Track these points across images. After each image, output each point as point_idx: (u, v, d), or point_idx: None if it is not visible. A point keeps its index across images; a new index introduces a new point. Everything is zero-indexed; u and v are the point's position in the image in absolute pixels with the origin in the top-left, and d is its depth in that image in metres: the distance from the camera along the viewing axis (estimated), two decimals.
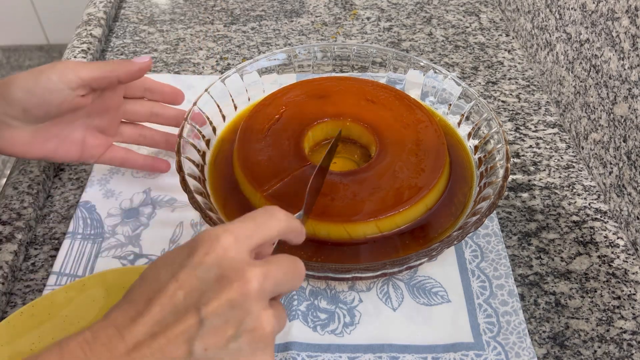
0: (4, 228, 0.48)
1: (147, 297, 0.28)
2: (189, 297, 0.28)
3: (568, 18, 0.60)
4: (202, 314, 0.27)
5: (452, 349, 0.42)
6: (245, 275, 0.28)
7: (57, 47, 1.97)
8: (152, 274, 0.29)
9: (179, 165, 0.45)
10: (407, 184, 0.46)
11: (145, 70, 0.47)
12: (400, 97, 0.54)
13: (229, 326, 0.28)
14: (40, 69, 0.43)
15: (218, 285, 0.28)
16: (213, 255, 0.29)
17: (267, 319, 0.29)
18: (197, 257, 0.29)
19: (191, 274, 0.28)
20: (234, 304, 0.28)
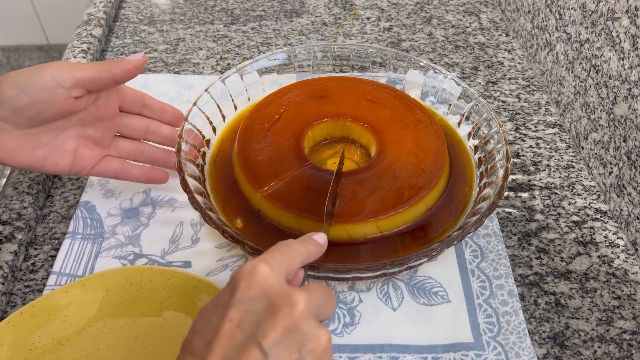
0: (4, 228, 0.48)
1: (206, 342, 0.29)
2: (246, 331, 0.28)
3: (568, 18, 0.60)
4: (263, 345, 0.28)
5: (452, 349, 0.42)
6: (292, 299, 0.29)
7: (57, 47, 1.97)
8: (203, 323, 0.30)
9: (179, 166, 0.45)
10: (407, 184, 0.46)
11: (140, 67, 0.46)
12: (400, 97, 0.54)
13: (292, 351, 0.28)
14: (35, 67, 0.42)
15: (269, 314, 0.29)
16: (255, 286, 0.30)
17: (324, 335, 0.29)
18: (240, 293, 0.30)
19: (241, 310, 0.29)
20: (290, 328, 0.29)
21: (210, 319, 0.30)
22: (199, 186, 0.46)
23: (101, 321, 0.42)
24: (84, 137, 0.47)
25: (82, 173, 0.47)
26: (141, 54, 0.45)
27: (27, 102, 0.41)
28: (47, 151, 0.45)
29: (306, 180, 0.46)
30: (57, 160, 0.45)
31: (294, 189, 0.46)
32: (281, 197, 0.45)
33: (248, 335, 0.28)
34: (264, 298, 0.29)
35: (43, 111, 0.42)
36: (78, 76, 0.42)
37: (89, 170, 0.47)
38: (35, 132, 0.44)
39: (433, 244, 0.41)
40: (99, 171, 0.48)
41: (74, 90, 0.42)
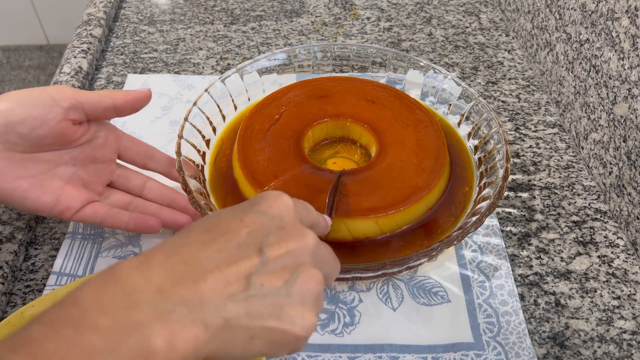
0: (4, 228, 0.48)
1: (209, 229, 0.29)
2: (253, 236, 0.28)
3: (568, 18, 0.60)
4: (264, 253, 0.28)
5: (452, 349, 0.42)
6: (304, 233, 0.30)
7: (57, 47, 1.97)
8: (212, 216, 0.30)
9: (179, 166, 0.45)
10: (408, 183, 0.46)
11: (144, 100, 0.44)
12: (400, 97, 0.54)
13: (285, 271, 0.28)
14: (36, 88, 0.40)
15: (279, 234, 0.29)
16: (276, 208, 0.30)
17: (318, 277, 0.29)
18: (261, 207, 0.30)
19: (255, 218, 0.29)
20: (292, 253, 0.29)
21: (221, 215, 0.30)
22: (199, 186, 0.46)
23: None
24: (74, 178, 0.44)
25: (66, 215, 0.43)
26: (147, 89, 0.44)
27: (21, 117, 0.39)
28: (31, 183, 0.42)
29: (305, 180, 0.46)
30: (41, 194, 0.42)
31: (293, 189, 0.46)
32: None
33: (254, 240, 0.28)
34: (279, 220, 0.30)
35: (37, 128, 0.40)
36: (78, 98, 0.41)
37: (73, 212, 0.44)
38: (24, 159, 0.41)
39: (433, 244, 0.41)
40: (85, 215, 0.44)
41: (71, 111, 0.41)
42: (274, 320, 0.27)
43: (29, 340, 0.23)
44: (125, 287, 0.25)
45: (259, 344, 0.27)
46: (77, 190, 0.44)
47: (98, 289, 0.25)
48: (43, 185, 0.42)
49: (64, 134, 0.41)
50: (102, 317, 0.24)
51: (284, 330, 0.28)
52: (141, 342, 0.24)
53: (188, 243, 0.28)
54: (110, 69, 0.68)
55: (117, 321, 0.24)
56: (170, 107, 0.62)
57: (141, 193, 0.47)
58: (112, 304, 0.24)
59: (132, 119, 0.60)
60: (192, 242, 0.28)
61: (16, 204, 0.42)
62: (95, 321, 0.24)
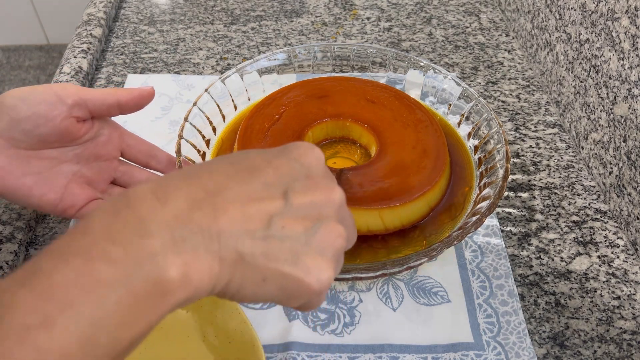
0: (4, 228, 0.48)
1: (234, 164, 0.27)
2: (281, 178, 0.27)
3: (568, 18, 0.60)
4: (288, 198, 0.27)
5: (452, 349, 0.42)
6: (333, 187, 0.29)
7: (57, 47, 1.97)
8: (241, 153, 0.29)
9: (179, 166, 0.45)
10: (409, 180, 0.46)
11: (147, 98, 0.44)
12: (400, 97, 0.54)
13: (307, 220, 0.27)
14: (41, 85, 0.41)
15: (308, 181, 0.28)
16: (307, 158, 0.29)
17: (341, 231, 0.28)
18: (292, 154, 0.29)
19: (284, 162, 0.28)
20: (317, 204, 0.28)
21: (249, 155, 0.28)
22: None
23: None
24: (77, 175, 0.44)
25: (70, 212, 0.44)
26: (150, 87, 0.44)
27: (26, 114, 0.39)
28: (36, 180, 0.42)
29: None
30: (45, 192, 0.42)
31: None
32: None
33: (281, 182, 0.27)
34: (309, 170, 0.29)
35: (41, 125, 0.40)
36: (82, 95, 0.41)
37: (77, 209, 0.44)
38: (29, 156, 0.41)
39: (433, 244, 0.41)
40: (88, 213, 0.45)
41: (75, 108, 0.41)
42: (289, 265, 0.26)
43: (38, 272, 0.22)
44: (139, 212, 0.23)
45: (271, 288, 0.26)
46: (81, 188, 0.44)
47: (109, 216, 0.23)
48: (47, 182, 0.43)
49: (68, 131, 0.41)
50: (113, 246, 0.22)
51: (297, 278, 0.26)
52: (154, 272, 0.22)
53: (211, 171, 0.26)
54: (110, 69, 0.68)
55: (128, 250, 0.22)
56: (170, 107, 0.62)
57: None
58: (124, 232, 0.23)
59: (132, 118, 0.60)
60: (215, 171, 0.26)
61: (21, 200, 0.42)
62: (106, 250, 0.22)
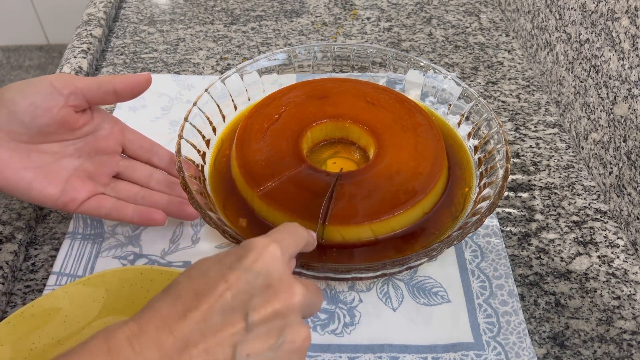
0: (4, 228, 0.48)
1: (195, 293, 0.28)
2: (237, 299, 0.28)
3: (568, 18, 0.60)
4: (249, 319, 0.28)
5: (452, 349, 0.42)
6: (292, 289, 0.30)
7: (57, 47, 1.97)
8: (199, 272, 0.30)
9: (179, 166, 0.45)
10: (404, 187, 0.46)
11: (143, 84, 0.44)
12: (400, 100, 0.54)
13: (271, 335, 0.28)
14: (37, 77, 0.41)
15: (265, 293, 0.29)
16: (262, 263, 0.30)
17: (305, 333, 0.30)
18: (246, 262, 0.29)
19: (240, 277, 0.29)
20: (279, 314, 0.29)
21: (207, 273, 0.29)
22: (199, 186, 0.46)
23: (101, 321, 0.42)
24: (79, 170, 0.44)
25: (71, 206, 0.44)
26: (146, 73, 0.44)
27: (24, 106, 0.40)
28: (36, 174, 0.42)
29: (302, 181, 0.46)
30: (46, 185, 0.42)
31: (288, 190, 0.46)
32: (275, 197, 0.45)
33: (238, 303, 0.28)
34: (266, 277, 0.29)
35: (39, 116, 0.40)
36: (78, 84, 0.41)
37: (78, 203, 0.44)
38: (29, 149, 0.42)
39: (433, 244, 0.41)
40: (90, 207, 0.44)
41: (72, 97, 0.41)
42: None
43: None
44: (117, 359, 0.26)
45: None
46: (82, 182, 0.44)
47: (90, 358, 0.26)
48: (48, 176, 0.43)
49: (66, 121, 0.42)
50: None
51: None
52: None
53: (175, 311, 0.28)
54: (110, 69, 0.68)
55: None
56: (170, 107, 0.62)
57: (148, 184, 0.47)
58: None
59: (132, 118, 0.60)
60: (179, 310, 0.28)
61: (21, 194, 0.42)
62: None
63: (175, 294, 0.29)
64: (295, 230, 0.34)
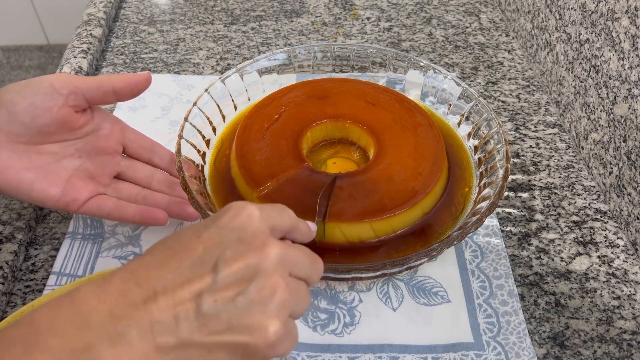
0: (4, 228, 0.48)
1: (166, 248, 0.29)
2: (209, 252, 0.28)
3: (568, 18, 0.60)
4: (218, 270, 0.28)
5: (452, 349, 0.42)
6: (266, 243, 0.29)
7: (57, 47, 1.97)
8: (174, 234, 0.30)
9: (179, 166, 0.45)
10: (404, 187, 0.46)
11: (143, 84, 0.44)
12: (400, 100, 0.54)
13: (240, 284, 0.28)
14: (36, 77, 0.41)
15: (238, 246, 0.29)
16: (238, 220, 0.30)
17: (277, 282, 0.29)
18: (222, 221, 0.30)
19: (213, 233, 0.29)
20: (250, 264, 0.28)
21: (182, 232, 0.30)
22: (199, 186, 0.46)
23: None
24: (80, 170, 0.44)
25: (72, 207, 0.44)
26: (146, 72, 0.44)
27: (23, 106, 0.40)
28: (37, 174, 0.42)
29: (301, 182, 0.46)
30: (47, 186, 0.42)
31: (288, 190, 0.46)
32: (275, 198, 0.45)
33: (209, 257, 0.28)
34: (240, 232, 0.29)
35: (39, 117, 0.40)
36: (77, 84, 0.41)
37: (80, 204, 0.44)
38: (29, 150, 0.42)
39: (433, 244, 0.41)
40: (91, 207, 0.44)
41: (71, 97, 0.41)
42: (229, 334, 0.27)
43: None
44: (80, 308, 0.26)
45: (220, 356, 0.28)
46: (83, 182, 0.44)
47: (53, 310, 0.26)
48: (49, 176, 0.43)
49: (66, 121, 0.42)
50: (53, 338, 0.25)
51: (241, 342, 0.27)
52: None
53: (144, 264, 0.28)
54: (110, 69, 0.68)
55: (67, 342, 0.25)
56: (170, 107, 0.62)
57: (149, 184, 0.47)
58: (64, 325, 0.25)
59: (132, 118, 0.60)
60: (148, 263, 0.28)
61: (22, 195, 0.42)
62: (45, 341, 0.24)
63: (148, 253, 0.29)
64: (281, 207, 0.33)
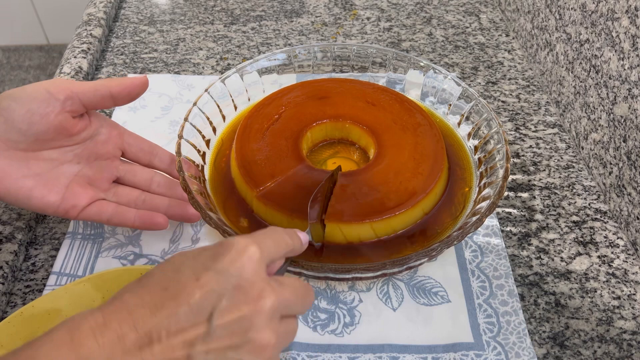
0: (4, 228, 0.48)
1: (164, 287, 0.29)
2: (205, 300, 0.28)
3: (568, 18, 0.60)
4: (212, 320, 0.28)
5: (452, 349, 0.42)
6: (262, 293, 0.30)
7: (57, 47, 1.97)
8: (173, 267, 0.30)
9: (179, 166, 0.45)
10: (404, 187, 0.46)
11: (140, 87, 0.43)
12: (400, 101, 0.54)
13: (234, 337, 0.29)
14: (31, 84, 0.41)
15: (235, 296, 0.29)
16: (238, 264, 0.30)
17: (269, 341, 0.29)
18: (221, 263, 0.29)
19: (212, 278, 0.29)
20: (245, 318, 0.29)
21: (180, 269, 0.30)
22: (200, 186, 0.46)
23: None
24: (79, 176, 0.44)
25: (72, 213, 0.43)
26: (143, 76, 0.44)
27: (20, 113, 0.39)
28: (36, 182, 0.42)
29: (300, 181, 0.46)
30: (45, 193, 0.42)
31: (287, 190, 0.46)
32: (274, 197, 0.45)
33: (205, 304, 0.28)
34: (238, 279, 0.29)
35: (36, 123, 0.40)
36: (73, 89, 0.41)
37: (79, 210, 0.44)
38: (27, 157, 0.41)
39: (433, 244, 0.41)
40: (91, 213, 0.44)
41: (68, 102, 0.41)
42: None
43: None
44: (80, 351, 0.26)
45: None
46: (83, 188, 0.44)
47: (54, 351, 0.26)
48: (48, 183, 0.42)
49: (63, 127, 0.41)
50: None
51: None
52: None
53: (142, 305, 0.28)
54: (110, 69, 0.68)
55: None
56: (170, 107, 0.62)
57: (149, 187, 0.47)
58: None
59: (132, 118, 0.60)
60: (146, 304, 0.28)
61: (21, 203, 0.42)
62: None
63: (146, 287, 0.29)
64: (279, 236, 0.33)
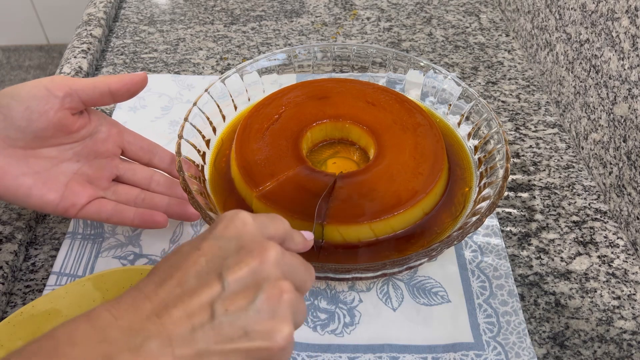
0: (4, 228, 0.48)
1: (170, 265, 0.29)
2: (211, 263, 0.29)
3: (568, 18, 0.60)
4: (224, 279, 0.28)
5: (452, 349, 0.42)
6: (264, 245, 0.30)
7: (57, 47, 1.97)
8: (175, 251, 0.31)
9: (179, 166, 0.45)
10: (404, 187, 0.46)
11: (139, 84, 0.43)
12: (400, 101, 0.54)
13: (248, 290, 0.29)
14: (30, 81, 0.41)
15: (238, 254, 0.29)
16: (233, 228, 0.31)
17: (284, 287, 0.29)
18: (217, 231, 0.30)
19: (212, 244, 0.30)
20: (254, 270, 0.29)
21: (181, 249, 0.30)
22: (200, 186, 0.46)
23: None
24: (78, 174, 0.44)
25: (71, 212, 0.43)
26: (142, 72, 0.44)
27: (19, 111, 0.39)
28: (35, 180, 0.42)
29: (300, 182, 0.46)
30: (45, 192, 0.42)
31: (287, 190, 0.46)
32: (273, 198, 0.45)
33: (212, 266, 0.29)
34: (237, 240, 0.30)
35: (35, 121, 0.40)
36: (72, 86, 0.41)
37: (79, 208, 0.43)
38: (27, 155, 0.41)
39: (433, 244, 0.41)
40: (91, 212, 0.44)
41: (67, 99, 0.41)
42: (244, 341, 0.28)
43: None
44: (97, 324, 0.26)
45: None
46: (82, 187, 0.44)
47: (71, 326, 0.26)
48: (47, 182, 0.42)
49: (63, 124, 0.41)
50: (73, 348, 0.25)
51: (257, 347, 0.28)
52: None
53: (151, 282, 0.29)
54: (110, 69, 0.68)
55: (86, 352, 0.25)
56: (170, 107, 0.62)
57: (148, 186, 0.47)
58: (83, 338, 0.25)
59: (132, 118, 0.60)
60: (155, 281, 0.29)
61: (20, 201, 0.42)
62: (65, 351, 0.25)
63: (154, 272, 0.30)
64: (274, 217, 0.34)
